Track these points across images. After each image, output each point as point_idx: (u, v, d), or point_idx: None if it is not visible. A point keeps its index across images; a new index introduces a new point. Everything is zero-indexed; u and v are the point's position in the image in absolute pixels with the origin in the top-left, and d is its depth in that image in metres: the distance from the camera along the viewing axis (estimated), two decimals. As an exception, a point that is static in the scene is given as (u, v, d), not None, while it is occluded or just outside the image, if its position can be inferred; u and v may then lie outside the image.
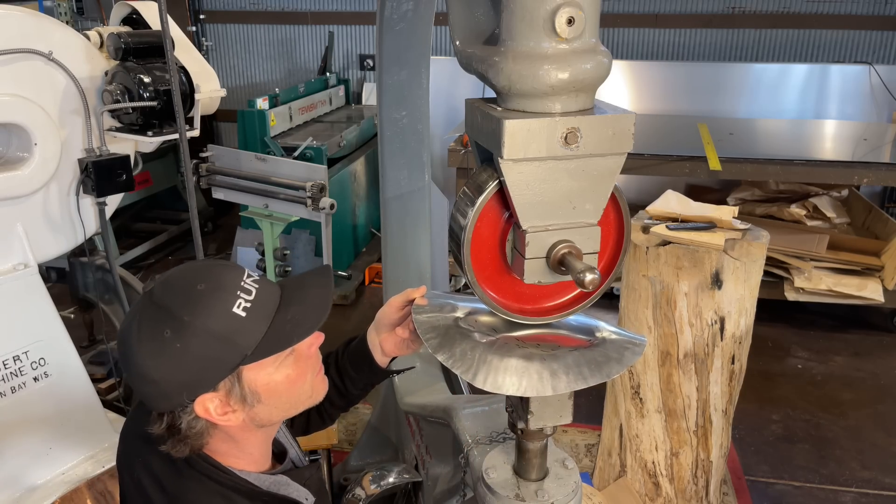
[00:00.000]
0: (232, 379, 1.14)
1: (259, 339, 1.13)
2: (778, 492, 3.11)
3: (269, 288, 1.19)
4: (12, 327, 2.25)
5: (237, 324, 1.12)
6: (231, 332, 1.11)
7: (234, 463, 1.24)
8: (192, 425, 1.15)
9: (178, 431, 1.15)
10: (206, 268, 1.18)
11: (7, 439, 2.24)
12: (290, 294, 1.21)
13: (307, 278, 1.28)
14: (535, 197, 1.12)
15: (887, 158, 4.31)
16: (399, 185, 2.52)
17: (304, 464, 1.41)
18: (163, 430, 1.16)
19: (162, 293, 1.12)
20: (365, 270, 5.16)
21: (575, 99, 1.08)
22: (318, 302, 1.22)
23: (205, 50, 6.49)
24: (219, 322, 1.10)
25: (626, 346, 1.27)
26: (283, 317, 1.17)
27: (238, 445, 1.24)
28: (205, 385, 1.13)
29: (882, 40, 5.51)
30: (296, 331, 1.18)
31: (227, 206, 5.56)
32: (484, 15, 1.17)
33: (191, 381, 1.12)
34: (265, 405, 1.19)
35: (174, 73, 2.31)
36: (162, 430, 1.16)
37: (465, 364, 1.20)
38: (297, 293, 1.22)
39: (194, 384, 1.12)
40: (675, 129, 5.11)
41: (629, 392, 2.69)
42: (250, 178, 3.72)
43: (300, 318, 1.19)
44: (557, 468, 1.42)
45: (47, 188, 2.31)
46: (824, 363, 4.13)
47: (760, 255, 2.41)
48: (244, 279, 1.16)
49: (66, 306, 3.43)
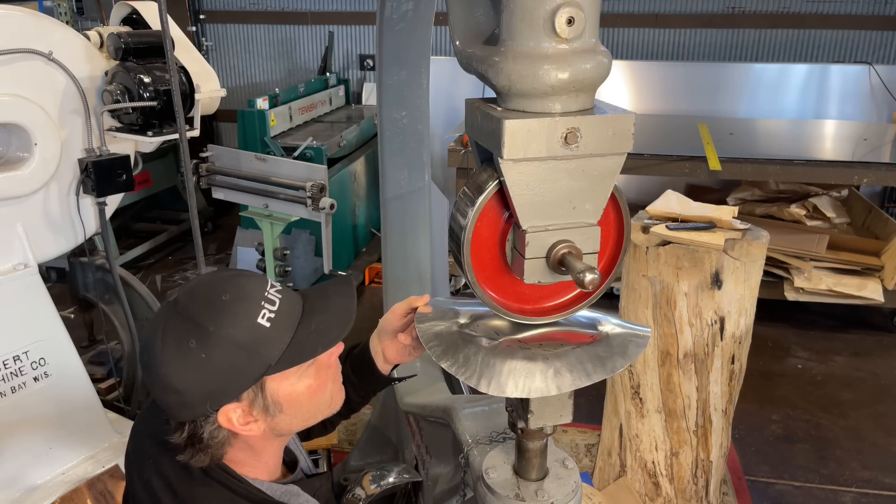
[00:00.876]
0: (255, 389, 1.14)
1: (283, 349, 1.14)
2: (778, 492, 3.11)
3: (293, 298, 1.19)
4: (12, 327, 2.25)
5: (261, 334, 1.12)
6: (255, 342, 1.11)
7: (249, 472, 1.24)
8: (213, 435, 1.15)
9: (199, 441, 1.15)
10: (231, 278, 1.17)
11: (7, 439, 2.24)
12: (312, 304, 1.21)
13: (330, 288, 1.28)
14: (535, 197, 1.12)
15: (887, 158, 4.31)
16: (399, 185, 2.52)
17: (311, 472, 1.41)
18: (183, 439, 1.15)
19: (186, 303, 1.12)
20: (365, 270, 5.17)
21: (575, 99, 1.08)
22: (342, 312, 1.23)
23: (205, 50, 6.49)
24: (243, 332, 1.10)
25: (629, 340, 1.27)
26: (307, 327, 1.17)
27: (255, 454, 1.24)
28: (229, 395, 1.13)
29: (882, 40, 5.51)
30: (320, 341, 1.18)
31: (227, 206, 5.56)
32: (484, 15, 1.17)
33: (215, 391, 1.11)
34: (286, 415, 1.19)
35: (174, 73, 2.32)
36: (182, 440, 1.15)
37: (469, 370, 1.20)
38: (319, 303, 1.22)
39: (218, 394, 1.12)
40: (675, 129, 5.11)
41: (629, 392, 2.70)
42: (250, 178, 3.72)
43: (324, 329, 1.19)
44: (557, 468, 1.42)
45: (47, 188, 2.31)
46: (824, 363, 4.13)
47: (760, 255, 2.41)
48: (268, 289, 1.16)
49: (66, 306, 3.43)
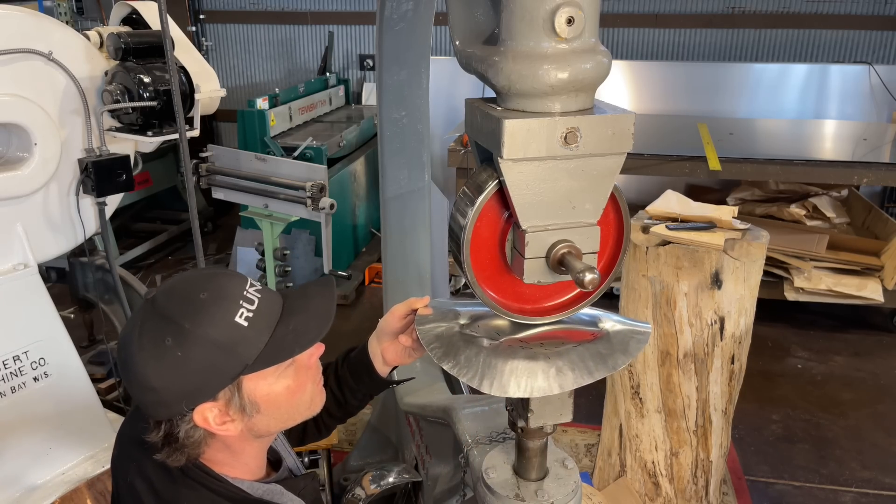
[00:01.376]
0: (232, 389, 1.13)
1: (261, 349, 1.13)
2: (778, 492, 3.11)
3: (272, 297, 1.19)
4: (12, 327, 2.25)
5: (239, 333, 1.11)
6: (232, 341, 1.10)
7: (229, 471, 1.23)
8: (189, 434, 1.14)
9: (175, 440, 1.14)
10: (209, 276, 1.17)
11: (7, 439, 2.24)
12: (292, 304, 1.20)
13: (310, 288, 1.27)
14: (535, 197, 1.12)
15: (887, 158, 4.31)
16: (399, 185, 2.52)
17: (300, 472, 1.40)
18: (160, 437, 1.15)
19: (164, 301, 1.12)
20: (365, 270, 5.17)
21: (575, 99, 1.08)
22: (321, 312, 1.21)
23: (205, 50, 6.49)
24: (220, 331, 1.10)
25: (630, 336, 1.27)
26: (286, 327, 1.16)
27: (234, 455, 1.23)
28: (205, 394, 1.12)
29: (882, 40, 5.51)
30: (298, 341, 1.17)
31: (227, 206, 5.56)
32: (484, 15, 1.17)
33: (191, 389, 1.11)
34: (264, 416, 1.18)
35: (174, 73, 2.32)
36: (159, 438, 1.15)
37: (471, 371, 1.20)
38: (299, 303, 1.21)
39: (194, 393, 1.11)
40: (675, 129, 5.11)
41: (629, 392, 2.70)
42: (250, 178, 3.73)
43: (302, 329, 1.18)
44: (557, 468, 1.42)
45: (47, 188, 2.31)
46: (824, 363, 4.13)
47: (760, 255, 2.41)
48: (247, 288, 1.16)
49: (66, 306, 3.43)
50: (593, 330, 1.29)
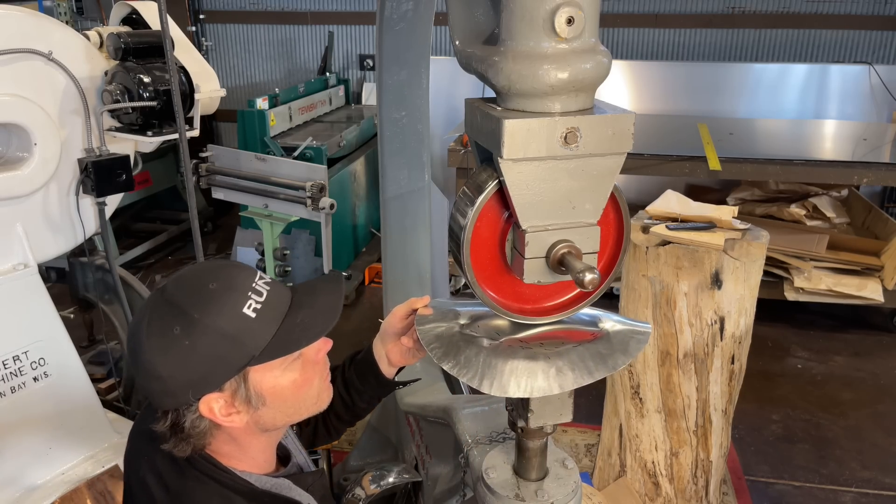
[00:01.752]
0: (238, 380, 1.14)
1: (268, 340, 1.14)
2: (778, 492, 3.11)
3: (281, 291, 1.20)
4: (12, 327, 2.25)
5: (246, 324, 1.12)
6: (240, 332, 1.11)
7: (236, 464, 1.24)
8: (195, 424, 1.15)
9: (181, 430, 1.15)
10: (219, 268, 1.18)
11: (7, 439, 2.24)
12: (300, 298, 1.21)
13: (318, 283, 1.28)
14: (535, 197, 1.12)
15: (887, 158, 4.31)
16: (399, 185, 2.52)
17: (310, 470, 1.40)
18: (166, 427, 1.16)
19: (173, 291, 1.13)
20: (365, 270, 5.17)
21: (574, 99, 1.08)
22: (328, 307, 1.22)
23: (205, 50, 6.49)
24: (228, 322, 1.11)
25: (630, 336, 1.27)
26: (293, 320, 1.17)
27: (241, 448, 1.24)
28: (211, 384, 1.13)
29: (882, 40, 5.51)
30: (304, 335, 1.18)
31: (227, 206, 5.56)
32: (484, 15, 1.17)
33: (197, 379, 1.12)
34: (270, 408, 1.19)
35: (174, 73, 2.31)
36: (165, 428, 1.16)
37: (471, 371, 1.20)
38: (307, 297, 1.22)
39: (200, 383, 1.12)
40: (675, 129, 5.11)
41: (629, 392, 2.69)
42: (250, 178, 3.73)
43: (309, 323, 1.19)
44: (557, 468, 1.42)
45: (47, 188, 2.31)
46: (824, 363, 4.13)
47: (760, 255, 2.41)
48: (256, 280, 1.17)
49: (66, 306, 3.42)
50: (593, 330, 1.29)
